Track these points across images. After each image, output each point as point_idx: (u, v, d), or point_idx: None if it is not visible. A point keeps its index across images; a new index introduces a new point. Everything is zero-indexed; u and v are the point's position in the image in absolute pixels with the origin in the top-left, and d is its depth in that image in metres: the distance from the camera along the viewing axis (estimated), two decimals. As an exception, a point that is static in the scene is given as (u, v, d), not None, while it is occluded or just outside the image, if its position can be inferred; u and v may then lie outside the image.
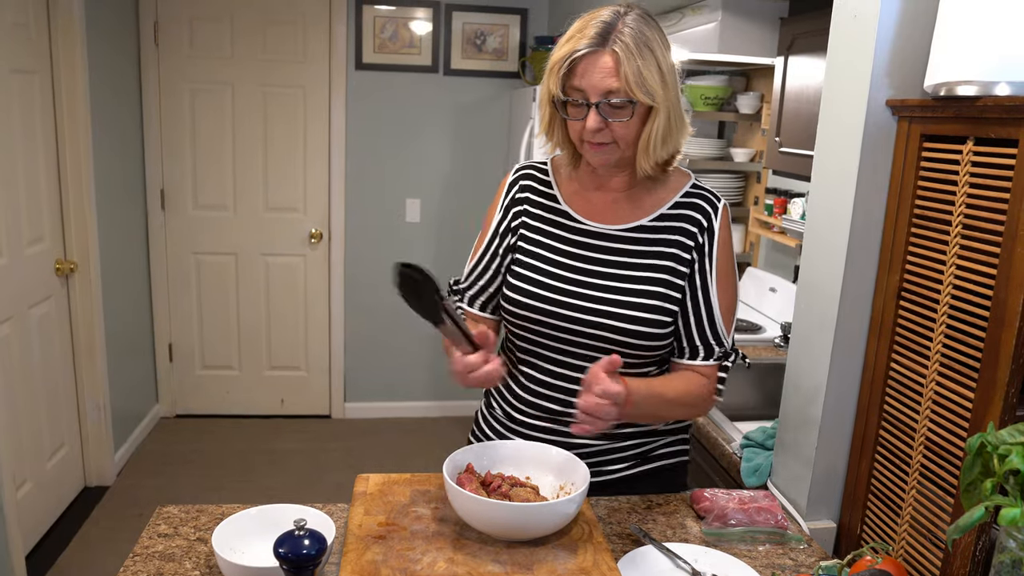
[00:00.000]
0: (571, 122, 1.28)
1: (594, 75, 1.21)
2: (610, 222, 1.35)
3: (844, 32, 1.32)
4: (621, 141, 1.26)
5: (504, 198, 1.43)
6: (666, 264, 1.32)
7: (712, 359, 1.34)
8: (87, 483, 3.36)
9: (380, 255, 4.10)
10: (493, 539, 1.14)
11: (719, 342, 1.34)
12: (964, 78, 1.08)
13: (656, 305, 1.30)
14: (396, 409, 4.33)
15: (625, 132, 1.25)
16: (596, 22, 1.22)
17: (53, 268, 3.05)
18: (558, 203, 1.39)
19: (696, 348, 1.34)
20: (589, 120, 1.23)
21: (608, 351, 1.31)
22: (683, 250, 1.33)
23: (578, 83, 1.23)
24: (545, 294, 1.33)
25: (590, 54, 1.21)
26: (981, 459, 0.89)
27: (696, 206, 1.35)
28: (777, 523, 1.31)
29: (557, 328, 1.33)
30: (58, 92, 3.03)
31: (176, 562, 1.16)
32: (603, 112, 1.23)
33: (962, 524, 0.85)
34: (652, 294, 1.31)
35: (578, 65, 1.22)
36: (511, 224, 1.41)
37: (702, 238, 1.34)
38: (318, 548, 0.98)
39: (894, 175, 1.28)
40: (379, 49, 3.94)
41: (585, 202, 1.38)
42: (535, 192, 1.41)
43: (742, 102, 2.83)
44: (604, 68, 1.20)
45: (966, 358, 1.13)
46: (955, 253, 1.15)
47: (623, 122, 1.24)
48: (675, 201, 1.35)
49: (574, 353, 1.34)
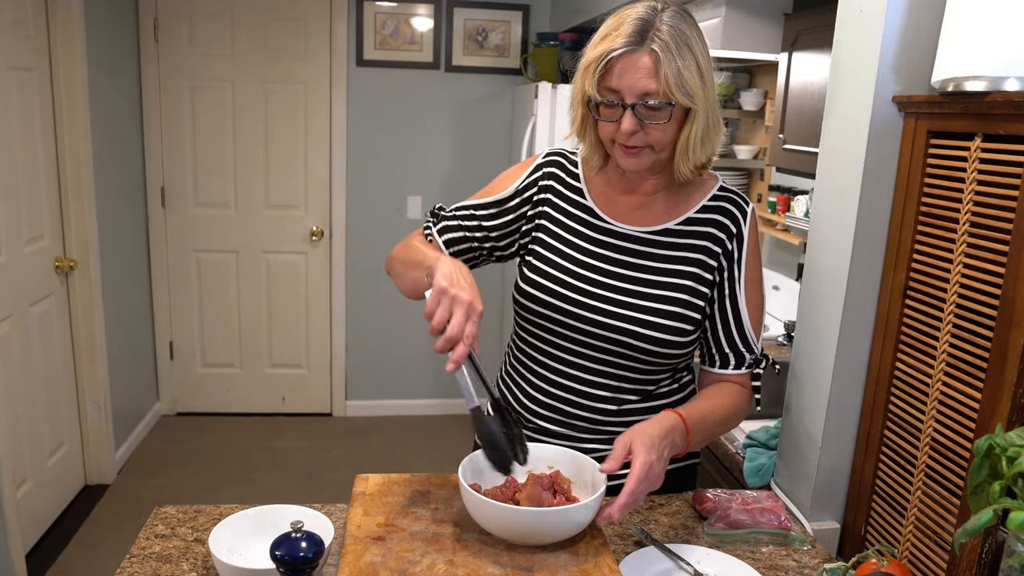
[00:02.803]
0: (603, 124, 1.23)
1: (631, 75, 1.16)
2: (636, 223, 1.31)
3: (850, 27, 1.30)
4: (656, 145, 1.21)
5: (527, 178, 1.38)
6: (692, 270, 1.28)
7: (744, 367, 1.32)
8: (87, 481, 3.36)
9: (381, 252, 4.08)
10: (493, 541, 1.12)
11: (749, 349, 1.32)
12: (972, 73, 1.07)
13: (679, 312, 1.27)
14: (398, 407, 4.32)
15: (661, 136, 1.20)
16: (632, 19, 1.16)
17: (53, 266, 3.04)
18: (584, 197, 1.34)
19: (727, 357, 1.32)
20: (624, 122, 1.18)
21: (625, 355, 1.28)
22: (710, 256, 1.29)
23: (614, 83, 1.17)
24: (563, 291, 1.29)
25: (627, 53, 1.15)
26: (989, 461, 0.87)
27: (724, 210, 1.31)
28: (780, 524, 1.30)
29: (573, 328, 1.29)
30: (57, 89, 3.02)
31: (173, 563, 1.15)
32: (639, 114, 1.18)
33: (970, 528, 0.84)
34: (676, 300, 1.27)
35: (615, 65, 1.16)
36: (529, 213, 1.36)
37: (731, 244, 1.30)
38: (315, 551, 0.96)
39: (900, 172, 1.26)
40: (380, 45, 3.92)
41: (611, 201, 1.33)
42: (561, 182, 1.36)
43: (745, 99, 2.81)
44: (642, 68, 1.15)
45: (973, 358, 1.11)
46: (962, 251, 1.13)
47: (660, 125, 1.19)
48: (703, 204, 1.31)
49: (591, 356, 1.30)
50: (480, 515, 1.10)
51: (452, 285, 1.09)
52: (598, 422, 1.34)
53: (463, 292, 1.09)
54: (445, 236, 1.40)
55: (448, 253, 1.36)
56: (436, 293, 1.09)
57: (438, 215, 1.43)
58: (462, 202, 1.42)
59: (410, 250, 1.32)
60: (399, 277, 1.34)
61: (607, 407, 1.33)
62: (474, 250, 1.41)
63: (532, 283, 1.32)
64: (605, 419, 1.34)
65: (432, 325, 1.08)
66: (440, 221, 1.42)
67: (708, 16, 2.54)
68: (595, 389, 1.32)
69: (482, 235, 1.39)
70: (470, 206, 1.40)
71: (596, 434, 1.34)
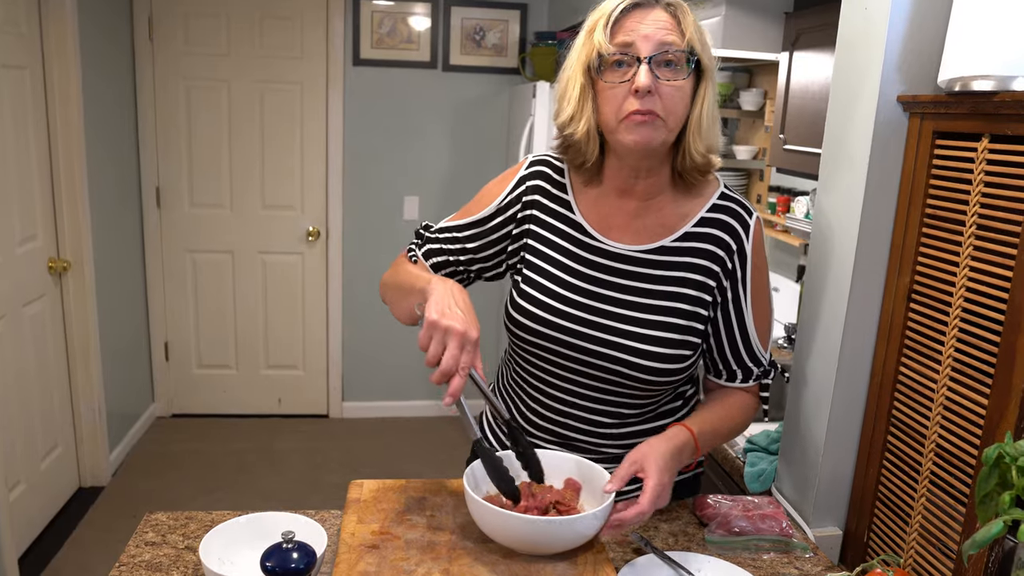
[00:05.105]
0: (610, 93, 1.11)
1: (648, 26, 1.08)
2: (629, 241, 1.22)
3: (854, 25, 1.28)
4: (669, 115, 1.10)
5: (508, 194, 1.28)
6: (690, 293, 1.20)
7: (752, 380, 1.29)
8: (82, 484, 3.33)
9: (378, 253, 4.06)
10: (490, 549, 1.10)
11: (757, 363, 1.28)
12: (980, 72, 1.04)
13: (678, 339, 1.19)
14: (395, 408, 4.29)
15: (673, 102, 1.10)
16: None
17: (46, 267, 3.01)
18: (572, 211, 1.24)
19: (734, 372, 1.28)
20: (641, 76, 1.07)
21: (622, 382, 1.22)
22: (709, 276, 1.21)
23: (626, 37, 1.08)
24: (552, 319, 1.21)
25: (641, 7, 1.09)
26: (998, 471, 0.85)
27: (724, 225, 1.21)
28: (782, 531, 1.28)
29: (566, 356, 1.22)
30: (50, 88, 2.99)
31: (163, 572, 1.12)
32: (654, 71, 1.08)
33: (979, 539, 0.81)
34: (674, 326, 1.19)
35: (626, 20, 1.09)
36: (514, 232, 1.28)
37: (731, 263, 1.21)
38: (307, 561, 0.94)
39: (905, 173, 1.24)
40: (377, 44, 3.90)
41: (602, 214, 1.23)
42: (547, 195, 1.26)
43: (745, 98, 2.79)
44: (659, 20, 1.08)
45: (979, 363, 1.09)
46: (968, 254, 1.11)
47: (676, 84, 1.09)
48: (701, 216, 1.22)
49: (584, 383, 1.24)
50: (484, 522, 1.08)
51: (443, 316, 1.05)
52: (598, 445, 1.29)
53: (455, 323, 1.05)
54: (431, 260, 1.33)
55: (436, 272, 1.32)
56: (428, 327, 1.06)
57: (423, 236, 1.36)
58: (445, 222, 1.34)
59: (400, 275, 1.26)
60: (394, 305, 1.28)
61: (608, 430, 1.28)
62: (460, 272, 1.33)
63: (520, 309, 1.24)
64: (605, 441, 1.29)
65: (427, 358, 1.06)
66: (424, 243, 1.34)
67: (708, 15, 2.52)
68: (593, 414, 1.27)
69: (467, 258, 1.31)
70: (452, 227, 1.32)
71: (596, 454, 1.29)
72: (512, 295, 1.27)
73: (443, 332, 1.05)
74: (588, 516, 1.05)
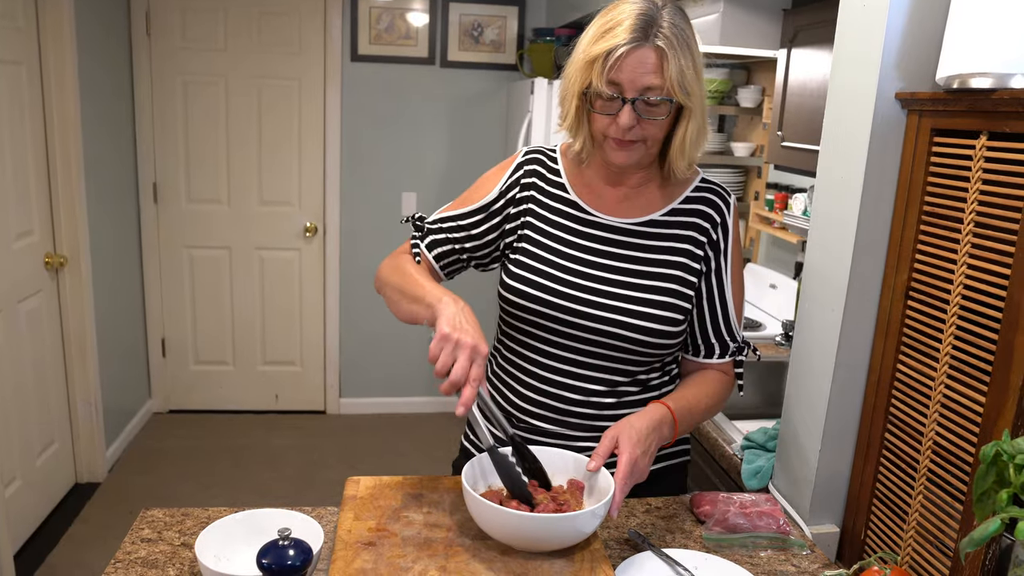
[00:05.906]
0: (597, 117, 1.23)
1: (635, 70, 1.16)
2: (622, 215, 1.32)
3: (852, 21, 1.28)
4: (650, 139, 1.23)
5: (508, 178, 1.37)
6: (679, 260, 1.30)
7: (727, 355, 1.34)
8: (78, 480, 3.33)
9: (376, 249, 4.06)
10: (487, 546, 1.10)
11: (733, 338, 1.34)
12: (978, 70, 1.04)
13: (670, 303, 1.28)
14: (392, 405, 4.29)
15: (655, 131, 1.22)
16: (635, 15, 1.17)
17: (42, 262, 3.00)
18: (567, 192, 1.34)
19: (712, 346, 1.34)
20: (622, 116, 1.19)
21: (617, 347, 1.28)
22: (696, 246, 1.31)
23: (615, 77, 1.18)
24: (554, 286, 1.28)
25: (633, 49, 1.16)
26: (996, 468, 0.85)
27: (708, 201, 1.33)
28: (779, 528, 1.28)
29: (565, 323, 1.28)
30: (47, 83, 2.98)
31: (159, 569, 1.12)
32: (637, 109, 1.19)
33: (977, 537, 0.81)
34: (667, 291, 1.28)
35: (619, 59, 1.17)
36: (512, 212, 1.35)
37: (715, 234, 1.32)
38: (303, 559, 0.94)
39: (903, 171, 1.23)
40: (375, 40, 3.88)
41: (595, 194, 1.33)
42: (543, 179, 1.36)
43: (743, 95, 2.79)
44: (646, 64, 1.16)
45: (977, 360, 1.09)
46: (966, 252, 1.11)
47: (657, 121, 1.20)
48: (686, 196, 1.33)
49: (579, 350, 1.30)
50: (482, 519, 1.08)
51: (455, 330, 1.10)
52: (593, 416, 1.32)
53: (466, 336, 1.10)
54: (434, 251, 1.38)
55: (438, 267, 1.39)
56: (439, 339, 1.10)
57: (422, 227, 1.41)
58: (444, 212, 1.40)
59: (405, 278, 1.29)
60: (394, 304, 1.31)
61: (600, 399, 1.32)
62: (459, 261, 1.40)
63: (522, 279, 1.31)
64: (600, 413, 1.32)
65: (436, 369, 1.10)
66: (427, 235, 1.40)
67: (706, 12, 2.51)
68: (589, 383, 1.32)
69: (471, 244, 1.37)
70: (456, 216, 1.38)
71: (591, 431, 1.32)
72: (509, 268, 1.34)
73: (454, 345, 1.09)
74: (586, 513, 1.05)
